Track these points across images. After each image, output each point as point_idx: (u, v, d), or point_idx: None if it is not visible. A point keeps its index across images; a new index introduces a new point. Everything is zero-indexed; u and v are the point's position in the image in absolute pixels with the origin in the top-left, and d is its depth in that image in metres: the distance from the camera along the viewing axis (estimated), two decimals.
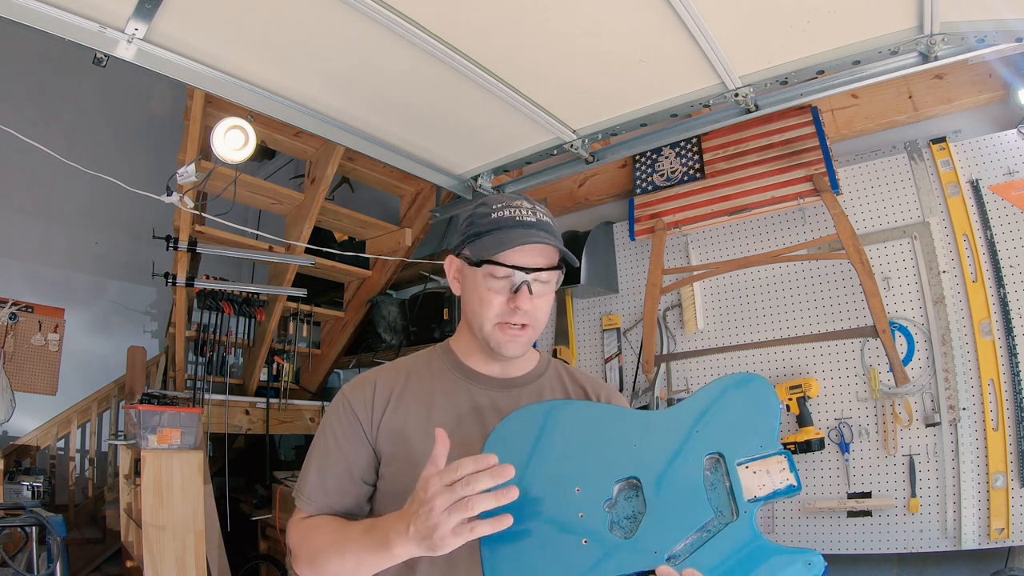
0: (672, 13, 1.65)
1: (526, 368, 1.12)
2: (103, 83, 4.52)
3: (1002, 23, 1.68)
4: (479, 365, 1.09)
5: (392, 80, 1.99)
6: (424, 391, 1.06)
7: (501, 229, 1.00)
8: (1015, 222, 2.21)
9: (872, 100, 2.50)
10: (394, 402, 1.04)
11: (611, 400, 1.14)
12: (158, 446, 2.64)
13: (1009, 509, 2.06)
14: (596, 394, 1.14)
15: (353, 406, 1.03)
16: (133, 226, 4.38)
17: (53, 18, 1.56)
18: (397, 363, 1.13)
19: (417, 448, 0.98)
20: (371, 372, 1.10)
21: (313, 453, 1.05)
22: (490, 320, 1.01)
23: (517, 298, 0.99)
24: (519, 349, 1.03)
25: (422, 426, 1.01)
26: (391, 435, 1.01)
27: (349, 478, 1.02)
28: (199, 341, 3.64)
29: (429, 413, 1.03)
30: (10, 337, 3.93)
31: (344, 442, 1.02)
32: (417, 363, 1.11)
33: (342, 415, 1.04)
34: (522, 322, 1.01)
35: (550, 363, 1.16)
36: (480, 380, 1.08)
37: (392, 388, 1.05)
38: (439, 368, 1.09)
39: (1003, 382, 2.15)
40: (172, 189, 2.69)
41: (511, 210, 1.02)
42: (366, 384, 1.06)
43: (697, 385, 2.79)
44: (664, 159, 2.93)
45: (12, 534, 2.32)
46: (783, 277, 2.63)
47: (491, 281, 1.00)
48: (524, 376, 1.11)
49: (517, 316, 1.00)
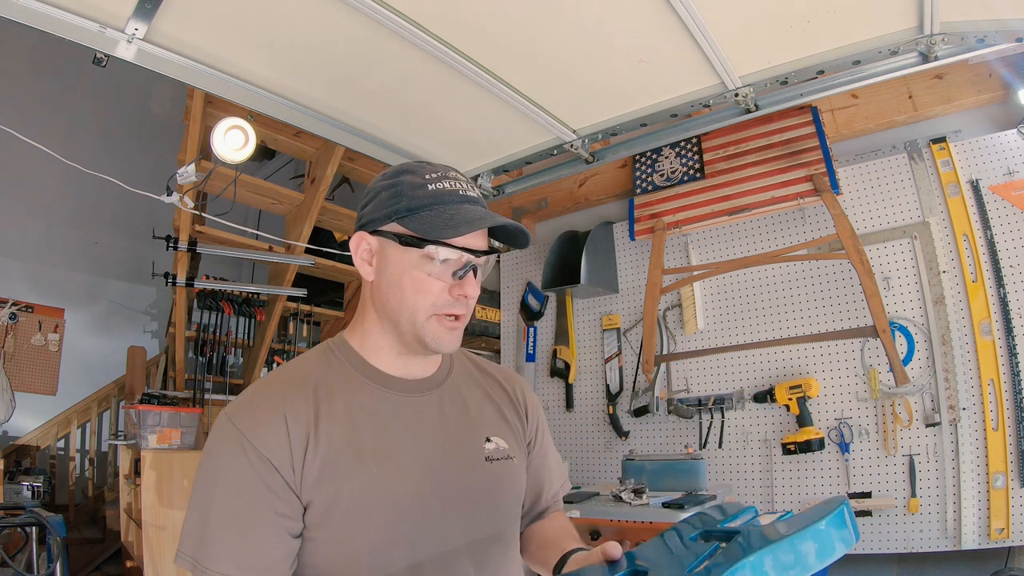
0: (672, 13, 1.65)
1: (433, 366, 0.97)
2: (103, 83, 4.51)
3: (1002, 23, 1.68)
4: (388, 365, 0.92)
5: (392, 80, 1.99)
6: (342, 412, 0.85)
7: (445, 204, 0.85)
8: (1015, 222, 2.21)
9: (872, 100, 2.50)
10: (313, 438, 0.81)
11: (526, 395, 1.06)
12: (158, 446, 2.64)
13: (1009, 509, 2.06)
14: (511, 386, 1.05)
15: (265, 452, 0.78)
16: (133, 226, 4.38)
17: (53, 18, 1.56)
18: (290, 379, 0.88)
19: (352, 487, 0.81)
20: (266, 398, 0.85)
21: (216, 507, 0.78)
22: (425, 310, 0.86)
23: (464, 284, 0.86)
24: (456, 344, 0.90)
25: (352, 459, 0.82)
26: (318, 481, 0.80)
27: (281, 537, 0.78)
28: (199, 341, 3.64)
29: (357, 440, 0.84)
30: (10, 337, 3.93)
31: (265, 494, 0.78)
32: (316, 372, 0.89)
33: (252, 463, 0.78)
34: (460, 312, 0.88)
35: (454, 356, 1.01)
36: (395, 385, 0.91)
37: (307, 420, 0.82)
38: (344, 374, 0.89)
39: (1003, 382, 2.15)
40: (172, 189, 2.69)
41: (449, 182, 0.87)
42: (272, 420, 0.80)
43: (697, 385, 2.79)
44: (664, 159, 2.93)
45: (12, 534, 2.32)
46: (783, 277, 2.63)
47: (429, 265, 0.84)
48: (435, 375, 0.96)
49: (458, 306, 0.87)
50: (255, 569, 0.76)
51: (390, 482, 0.83)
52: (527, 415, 1.04)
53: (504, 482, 0.95)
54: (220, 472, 0.80)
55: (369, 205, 0.90)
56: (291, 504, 0.79)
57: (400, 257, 0.86)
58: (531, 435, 1.05)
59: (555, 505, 1.10)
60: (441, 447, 0.90)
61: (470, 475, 0.91)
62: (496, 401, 1.01)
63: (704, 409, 2.71)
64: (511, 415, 1.02)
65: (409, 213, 0.85)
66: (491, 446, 0.94)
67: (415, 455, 0.87)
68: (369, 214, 0.89)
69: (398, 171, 0.90)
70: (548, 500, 1.08)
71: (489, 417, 0.98)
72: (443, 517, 0.86)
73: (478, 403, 0.99)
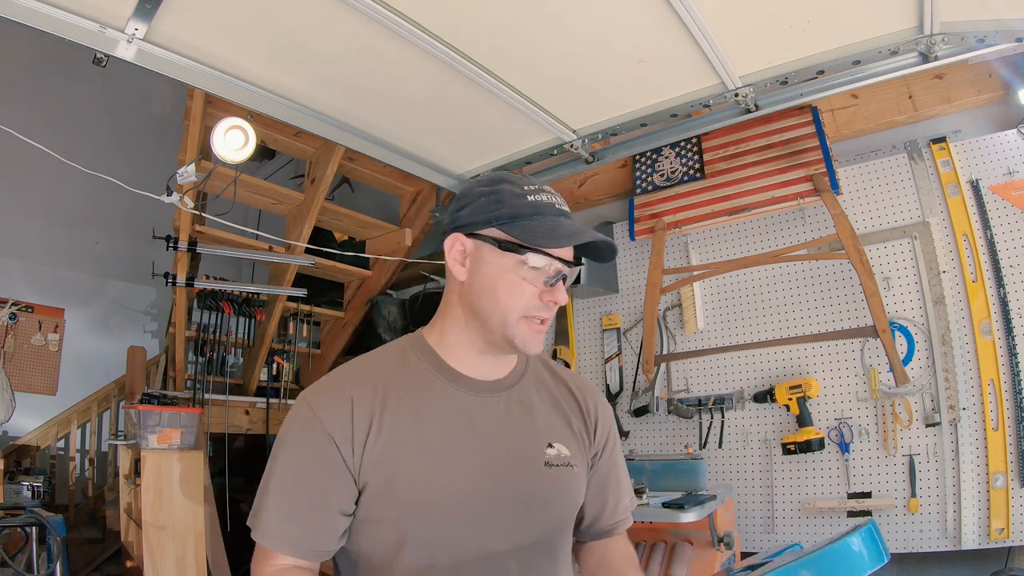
0: (672, 13, 1.65)
1: (507, 367, 1.00)
2: (103, 83, 4.50)
3: (1002, 23, 1.68)
4: (462, 364, 0.96)
5: (392, 80, 2.00)
6: (409, 404, 0.91)
7: (544, 215, 0.91)
8: (1015, 222, 2.21)
9: (872, 100, 2.50)
10: (376, 424, 0.88)
11: (599, 407, 1.07)
12: (158, 446, 2.63)
13: (1009, 509, 2.06)
14: (583, 396, 1.06)
15: (328, 429, 0.86)
16: (133, 226, 4.36)
17: (53, 18, 1.56)
18: (366, 367, 0.95)
19: (409, 475, 0.87)
20: (341, 381, 0.93)
21: (275, 477, 0.88)
22: (517, 313, 0.90)
23: (555, 292, 0.91)
24: (541, 346, 0.95)
25: (412, 448, 0.88)
26: (377, 465, 0.86)
27: (324, 513, 0.86)
28: (199, 341, 3.64)
29: (420, 431, 0.89)
30: (10, 337, 3.93)
31: (320, 470, 0.86)
32: (390, 364, 0.95)
33: (315, 438, 0.86)
34: (547, 316, 0.93)
35: (528, 359, 1.05)
36: (466, 384, 0.95)
37: (372, 407, 0.89)
38: (419, 370, 0.95)
39: (1003, 382, 2.15)
40: (172, 189, 2.69)
41: (547, 195, 0.93)
42: (340, 400, 0.88)
43: (697, 385, 2.79)
44: (664, 159, 2.93)
45: (12, 534, 2.32)
46: (783, 277, 2.63)
47: (524, 270, 0.90)
48: (507, 377, 1.00)
49: (547, 310, 0.92)
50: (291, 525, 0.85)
51: (446, 475, 0.88)
52: (596, 427, 1.05)
53: (560, 488, 0.96)
54: (287, 443, 0.89)
55: (465, 209, 0.94)
56: (344, 482, 0.86)
57: (497, 260, 0.91)
58: (598, 447, 1.05)
59: (621, 524, 1.09)
60: (502, 447, 0.93)
61: (527, 477, 0.93)
62: (564, 409, 1.03)
63: (704, 409, 2.71)
64: (578, 424, 1.03)
65: (510, 220, 0.90)
66: (552, 451, 0.96)
67: (474, 452, 0.91)
68: (466, 217, 0.93)
69: (496, 179, 0.95)
70: (614, 517, 1.07)
71: (554, 423, 1.00)
72: (493, 516, 0.89)
73: (545, 409, 1.01)
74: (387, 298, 4.02)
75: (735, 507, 2.47)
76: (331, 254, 3.84)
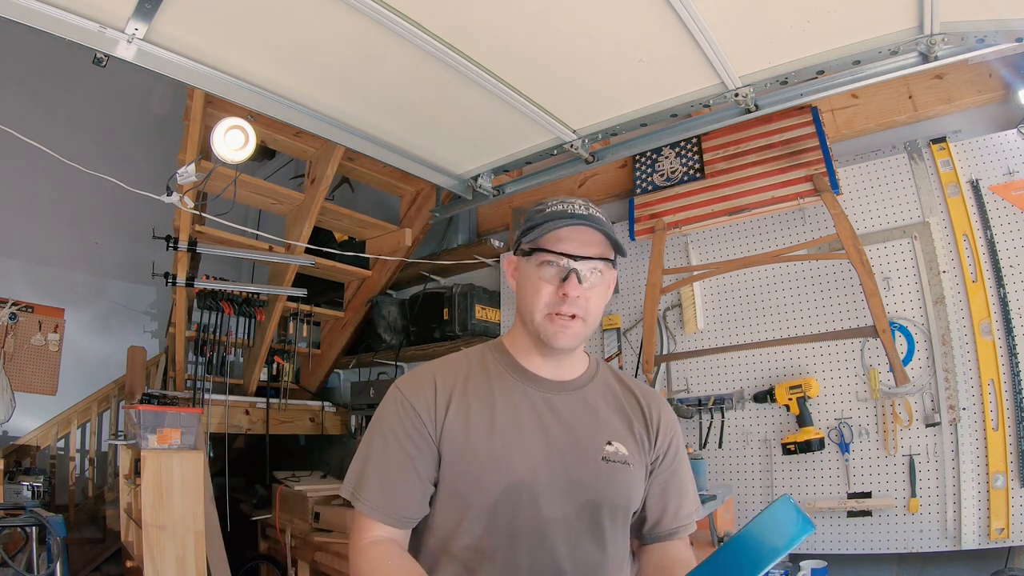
0: (672, 13, 1.65)
1: (578, 371, 1.12)
2: (103, 83, 4.51)
3: (1002, 23, 1.68)
4: (535, 366, 1.08)
5: (392, 80, 1.99)
6: (484, 393, 1.04)
7: (552, 220, 1.02)
8: (1015, 222, 2.21)
9: (872, 100, 2.50)
10: (456, 403, 1.02)
11: (662, 415, 1.13)
12: (158, 446, 2.63)
13: (1009, 509, 2.06)
14: (647, 404, 1.13)
15: (414, 404, 1.01)
16: (133, 226, 4.37)
17: (53, 18, 1.56)
18: (450, 361, 1.11)
19: (480, 451, 0.99)
20: (426, 369, 1.08)
21: (370, 453, 1.02)
22: (540, 310, 1.02)
23: (565, 286, 1.00)
24: (568, 341, 1.03)
25: (485, 429, 1.00)
26: (453, 437, 1.00)
27: (416, 478, 0.99)
28: (199, 341, 3.64)
29: (492, 416, 1.02)
30: (10, 337, 3.93)
31: (407, 441, 1.00)
32: (471, 362, 1.10)
33: (403, 414, 1.01)
34: (572, 312, 1.01)
35: (599, 366, 1.16)
36: (537, 382, 1.07)
37: (452, 388, 1.04)
38: (495, 369, 1.09)
39: (1003, 382, 2.15)
40: (172, 189, 2.69)
41: (564, 204, 1.05)
42: (425, 382, 1.04)
43: (697, 385, 2.79)
44: (664, 159, 2.93)
45: (12, 534, 2.32)
46: (783, 277, 2.63)
47: (542, 270, 1.02)
48: (576, 379, 1.11)
49: (566, 305, 1.00)
50: (386, 494, 0.98)
51: (510, 456, 0.99)
52: (657, 433, 1.12)
53: (615, 482, 1.04)
54: (382, 420, 1.04)
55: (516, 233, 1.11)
56: (429, 449, 1.00)
57: (525, 268, 1.06)
58: (659, 453, 1.11)
59: (683, 529, 1.13)
60: (564, 440, 1.03)
61: (583, 468, 1.02)
62: (628, 413, 1.11)
63: (704, 409, 2.71)
64: (639, 429, 1.10)
65: (529, 231, 1.05)
66: (611, 448, 1.05)
67: (538, 441, 1.01)
68: (515, 239, 1.11)
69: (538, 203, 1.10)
70: (675, 521, 1.11)
71: (616, 425, 1.09)
72: (550, 499, 0.99)
73: (609, 411, 1.10)
74: (387, 298, 4.02)
75: (735, 507, 2.47)
76: (331, 254, 3.84)
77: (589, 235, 1.02)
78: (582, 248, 1.01)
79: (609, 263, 1.05)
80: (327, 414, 4.10)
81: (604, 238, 1.03)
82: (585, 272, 1.01)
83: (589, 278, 1.02)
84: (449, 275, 3.89)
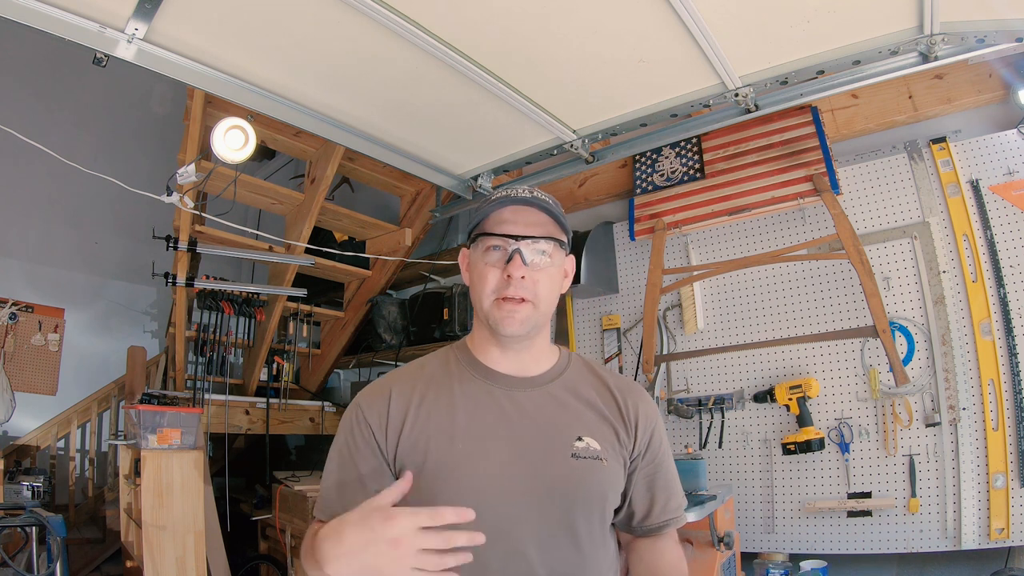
0: (672, 13, 1.65)
1: (544, 366, 1.08)
2: (103, 83, 4.51)
3: (1002, 23, 1.68)
4: (495, 362, 1.05)
5: (392, 80, 1.99)
6: (444, 397, 1.02)
7: (497, 204, 1.02)
8: (1015, 222, 2.21)
9: (872, 100, 2.50)
10: (413, 414, 1.00)
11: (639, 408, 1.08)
12: (158, 446, 2.63)
13: (1009, 509, 2.06)
14: (623, 396, 1.08)
15: (367, 418, 1.00)
16: (133, 226, 4.37)
17: (53, 18, 1.56)
18: (413, 367, 1.09)
19: (442, 461, 0.96)
20: (386, 380, 1.07)
21: (330, 462, 1.03)
22: (487, 296, 1.00)
23: (509, 267, 0.98)
24: (517, 326, 0.99)
25: (445, 436, 0.98)
26: (412, 450, 0.98)
27: (363, 491, 0.96)
28: (199, 341, 3.64)
29: (452, 421, 0.99)
30: (10, 337, 3.93)
31: (356, 454, 0.99)
32: (434, 365, 1.08)
33: (355, 427, 1.01)
34: (519, 295, 0.98)
35: (571, 359, 1.12)
36: (500, 380, 1.04)
37: (410, 399, 1.01)
38: (457, 369, 1.06)
39: (1003, 382, 2.15)
40: (172, 189, 2.69)
41: (508, 190, 1.04)
42: (380, 395, 1.03)
43: (697, 385, 2.79)
44: (664, 159, 2.93)
45: (12, 534, 2.32)
46: (783, 277, 2.63)
47: (488, 255, 1.00)
48: (543, 375, 1.06)
49: (512, 288, 0.97)
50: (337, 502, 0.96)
51: (474, 461, 0.96)
52: (636, 427, 1.07)
53: (586, 479, 0.99)
54: (339, 434, 1.04)
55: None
56: (378, 463, 0.99)
57: (473, 257, 1.05)
58: (640, 448, 1.07)
59: (672, 522, 1.10)
60: (530, 438, 0.99)
61: (552, 467, 0.98)
62: (600, 408, 1.06)
63: (704, 409, 2.71)
64: (615, 422, 1.06)
65: (475, 220, 1.04)
66: (581, 444, 1.01)
67: (503, 442, 0.98)
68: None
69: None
70: (664, 515, 1.09)
71: (587, 419, 1.04)
72: (517, 502, 0.95)
73: (580, 406, 1.05)
74: (387, 298, 4.02)
75: (735, 507, 2.47)
76: (331, 254, 3.84)
77: (533, 215, 1.00)
78: (526, 229, 0.99)
79: (558, 244, 1.02)
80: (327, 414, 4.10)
81: (549, 218, 1.01)
82: (530, 253, 0.99)
83: (535, 260, 0.99)
84: (449, 275, 3.89)
